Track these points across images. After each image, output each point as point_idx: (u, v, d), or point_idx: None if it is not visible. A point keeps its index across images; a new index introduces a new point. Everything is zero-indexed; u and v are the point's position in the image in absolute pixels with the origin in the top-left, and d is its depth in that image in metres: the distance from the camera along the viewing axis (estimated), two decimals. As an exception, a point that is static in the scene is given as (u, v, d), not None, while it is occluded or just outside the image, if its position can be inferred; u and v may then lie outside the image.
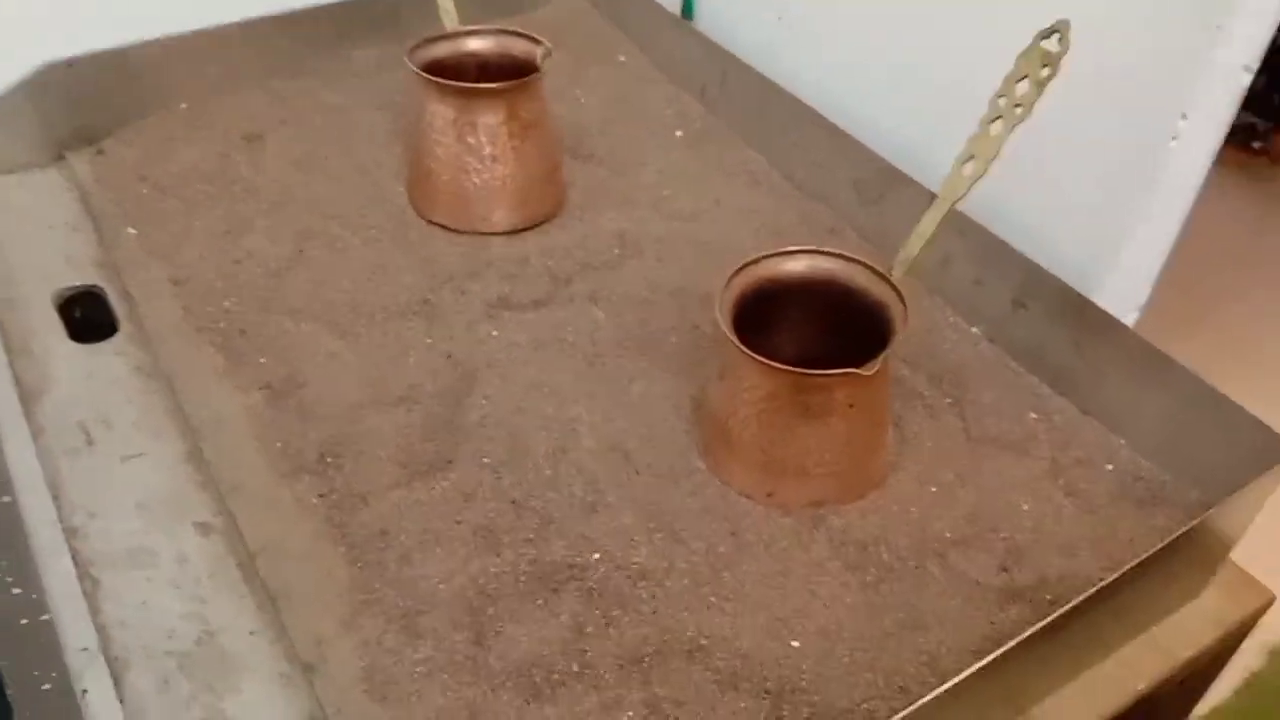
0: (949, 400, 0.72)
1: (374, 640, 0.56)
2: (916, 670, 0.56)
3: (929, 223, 0.64)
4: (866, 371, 0.59)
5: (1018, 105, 0.62)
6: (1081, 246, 0.77)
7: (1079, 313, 0.71)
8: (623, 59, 1.06)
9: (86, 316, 0.80)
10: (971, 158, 0.63)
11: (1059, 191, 0.78)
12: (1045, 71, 0.61)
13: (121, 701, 0.53)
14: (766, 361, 0.59)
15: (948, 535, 0.63)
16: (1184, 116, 0.70)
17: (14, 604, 0.58)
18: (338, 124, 0.93)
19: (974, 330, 0.77)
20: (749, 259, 0.65)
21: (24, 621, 0.57)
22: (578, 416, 0.69)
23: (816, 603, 0.59)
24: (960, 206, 0.68)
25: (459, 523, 0.62)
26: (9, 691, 0.54)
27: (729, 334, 0.61)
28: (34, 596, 0.58)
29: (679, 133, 0.97)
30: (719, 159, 0.94)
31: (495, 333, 0.75)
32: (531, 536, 0.61)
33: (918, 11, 0.87)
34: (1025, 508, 0.66)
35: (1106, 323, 0.70)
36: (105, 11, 0.91)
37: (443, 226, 0.83)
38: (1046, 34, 0.61)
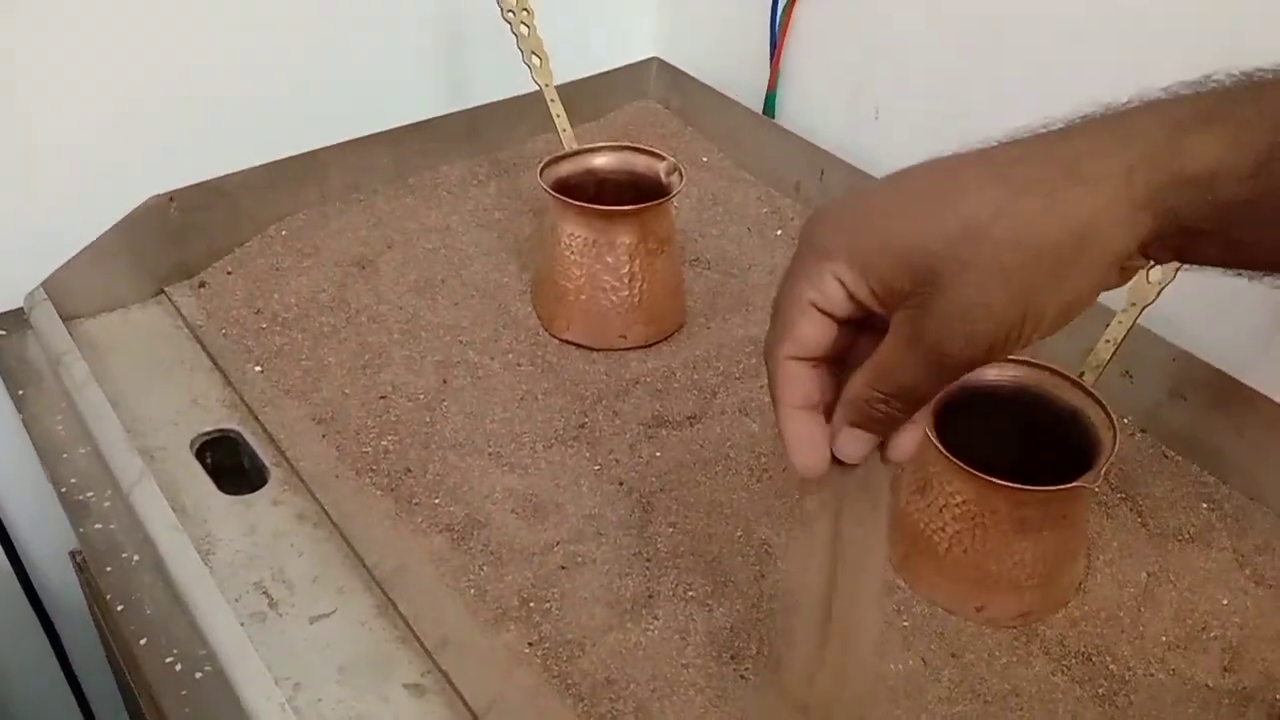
0: (1120, 495, 0.73)
1: (633, 801, 0.54)
2: (1181, 788, 0.56)
3: (1118, 329, 0.65)
4: (1091, 483, 0.59)
5: (1201, 210, 0.63)
6: (1230, 331, 0.78)
7: (1238, 399, 0.73)
8: (705, 159, 1.06)
9: (218, 462, 0.77)
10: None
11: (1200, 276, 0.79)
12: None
13: None
14: (992, 479, 0.59)
15: (1164, 639, 0.63)
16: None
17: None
18: (445, 245, 0.92)
19: (1125, 421, 0.78)
20: (938, 373, 0.65)
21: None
22: (766, 538, 0.68)
23: (1060, 722, 0.59)
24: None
25: (685, 666, 0.60)
26: None
27: (944, 454, 0.61)
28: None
29: (779, 231, 0.97)
30: (825, 256, 0.94)
31: (658, 454, 0.74)
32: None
33: (1014, 93, 0.88)
34: (1225, 602, 0.66)
35: (1269, 407, 0.72)
36: (194, 148, 0.90)
37: (577, 345, 0.82)
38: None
